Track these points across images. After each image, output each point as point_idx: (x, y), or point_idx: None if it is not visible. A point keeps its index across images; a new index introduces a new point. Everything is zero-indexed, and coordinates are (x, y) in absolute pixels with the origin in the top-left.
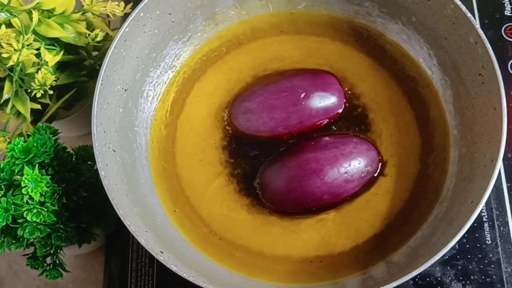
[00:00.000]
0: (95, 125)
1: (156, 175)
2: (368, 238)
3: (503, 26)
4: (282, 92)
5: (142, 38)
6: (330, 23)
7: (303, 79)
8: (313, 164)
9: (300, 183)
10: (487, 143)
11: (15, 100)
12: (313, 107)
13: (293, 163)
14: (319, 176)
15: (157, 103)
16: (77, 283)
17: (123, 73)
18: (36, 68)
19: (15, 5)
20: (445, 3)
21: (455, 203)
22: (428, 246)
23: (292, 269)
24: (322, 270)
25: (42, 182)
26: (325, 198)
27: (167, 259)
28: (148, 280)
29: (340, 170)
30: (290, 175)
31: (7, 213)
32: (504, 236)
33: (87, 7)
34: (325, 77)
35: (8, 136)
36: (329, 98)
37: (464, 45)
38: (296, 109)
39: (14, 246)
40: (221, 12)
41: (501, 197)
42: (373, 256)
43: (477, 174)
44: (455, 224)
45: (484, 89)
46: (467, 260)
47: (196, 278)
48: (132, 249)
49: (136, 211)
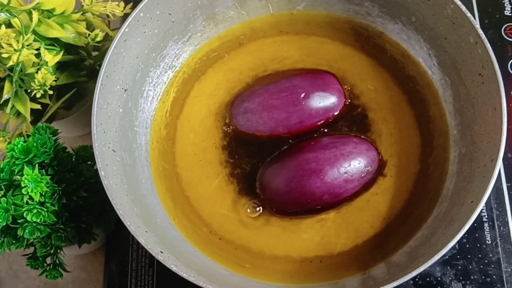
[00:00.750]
0: (95, 125)
1: (156, 175)
2: (368, 238)
3: (503, 26)
4: (282, 92)
5: (142, 38)
6: (330, 23)
7: (303, 79)
8: (313, 164)
9: (300, 183)
10: (487, 143)
11: (15, 100)
12: (313, 107)
13: (293, 163)
14: (319, 176)
15: (157, 103)
16: (77, 283)
17: (123, 73)
18: (36, 68)
19: (15, 5)
20: (445, 3)
21: (455, 203)
22: (428, 246)
23: (292, 269)
24: (322, 270)
25: (42, 182)
26: (325, 198)
27: (167, 259)
28: (148, 280)
29: (340, 170)
30: (290, 175)
31: (7, 213)
32: (504, 236)
33: (87, 7)
34: (325, 77)
35: (8, 136)
36: (329, 98)
37: (464, 45)
38: (296, 109)
39: (14, 246)
40: (221, 12)
41: (501, 197)
42: (373, 256)
43: (477, 174)
44: (455, 224)
45: (484, 89)
46: (467, 260)
47: (196, 278)
48: (132, 249)
49: (136, 211)
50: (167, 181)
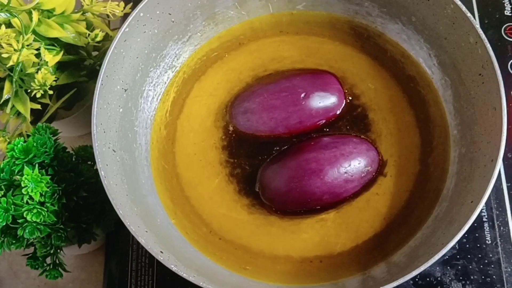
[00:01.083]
0: (95, 125)
1: (156, 175)
2: (368, 238)
3: (503, 26)
4: (282, 92)
5: (142, 38)
6: (330, 23)
7: (303, 79)
8: (313, 164)
9: (300, 183)
10: (487, 143)
11: (15, 100)
12: (313, 107)
13: (293, 163)
14: (319, 176)
15: (157, 103)
16: (77, 283)
17: (123, 73)
18: (36, 68)
19: (15, 5)
20: (445, 3)
21: (455, 203)
22: (428, 246)
23: (292, 269)
24: (322, 270)
25: (42, 182)
26: (325, 198)
27: (167, 259)
28: (148, 280)
29: (340, 170)
30: (290, 175)
31: (7, 213)
32: (504, 236)
33: (87, 7)
34: (325, 77)
35: (8, 136)
36: (329, 98)
37: (464, 45)
38: (296, 109)
39: (14, 246)
40: (221, 12)
41: (501, 197)
42: (373, 256)
43: (477, 174)
44: (455, 224)
45: (484, 89)
46: (467, 260)
47: (196, 278)
48: (132, 249)
49: (136, 211)
50: (167, 181)
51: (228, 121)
